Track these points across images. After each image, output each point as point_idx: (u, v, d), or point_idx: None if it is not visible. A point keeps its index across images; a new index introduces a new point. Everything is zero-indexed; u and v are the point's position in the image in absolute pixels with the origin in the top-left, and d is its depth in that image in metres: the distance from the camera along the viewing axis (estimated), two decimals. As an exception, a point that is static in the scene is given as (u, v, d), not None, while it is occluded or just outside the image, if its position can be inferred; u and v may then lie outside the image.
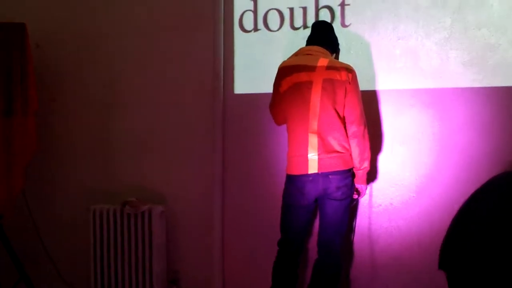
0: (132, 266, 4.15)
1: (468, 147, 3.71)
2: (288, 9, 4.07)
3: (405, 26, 3.85)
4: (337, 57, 3.74)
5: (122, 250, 4.17)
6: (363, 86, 3.65)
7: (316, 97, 3.48)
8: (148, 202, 4.20)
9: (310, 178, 3.48)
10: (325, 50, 3.63)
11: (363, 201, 3.82)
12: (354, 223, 3.84)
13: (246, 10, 4.15)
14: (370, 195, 3.86)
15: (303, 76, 3.51)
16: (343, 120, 3.52)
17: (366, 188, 3.67)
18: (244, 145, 4.20)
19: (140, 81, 4.39)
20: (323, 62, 3.53)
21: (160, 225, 4.18)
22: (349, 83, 3.50)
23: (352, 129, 3.51)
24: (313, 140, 3.47)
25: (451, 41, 3.76)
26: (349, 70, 3.53)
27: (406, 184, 3.83)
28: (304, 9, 4.04)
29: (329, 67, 3.51)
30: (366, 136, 3.55)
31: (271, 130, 4.00)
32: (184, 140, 4.30)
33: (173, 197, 4.30)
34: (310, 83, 3.49)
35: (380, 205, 3.89)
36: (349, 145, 3.52)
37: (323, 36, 3.70)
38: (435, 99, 3.77)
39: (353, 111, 3.51)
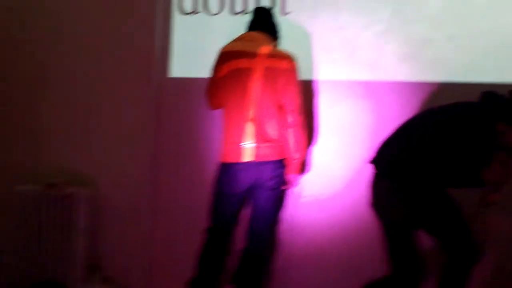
0: (53, 250, 3.98)
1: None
2: (229, -6, 4.03)
3: (345, 17, 3.85)
4: (277, 45, 3.69)
5: (45, 235, 4.00)
6: (301, 75, 3.61)
7: (255, 84, 3.43)
8: (75, 185, 4.06)
9: (244, 166, 3.43)
10: (267, 36, 3.59)
11: (293, 191, 3.77)
12: (282, 213, 3.80)
13: (186, -8, 4.08)
14: (299, 185, 3.82)
15: (244, 63, 3.46)
16: (281, 109, 3.48)
17: (298, 179, 3.64)
18: (179, 129, 4.09)
19: (72, 62, 4.23)
20: (265, 49, 3.49)
21: (85, 209, 4.03)
22: (290, 72, 3.47)
23: (290, 118, 3.48)
24: (250, 128, 3.42)
25: (389, 34, 3.77)
26: (290, 59, 3.50)
27: (337, 175, 3.81)
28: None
29: (271, 55, 3.47)
30: (303, 126, 3.53)
31: (207, 115, 3.93)
32: (116, 123, 4.17)
33: (102, 181, 4.15)
34: (250, 70, 3.44)
35: (310, 196, 3.86)
36: (285, 135, 3.48)
37: (264, 22, 3.66)
38: (370, 91, 3.78)
39: (293, 101, 3.48)
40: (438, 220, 3.08)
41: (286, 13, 3.92)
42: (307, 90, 3.79)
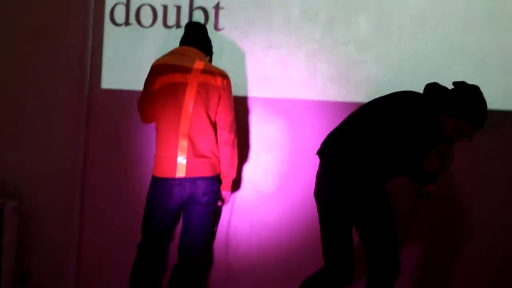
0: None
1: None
2: (161, 6, 3.99)
3: (277, 35, 3.88)
4: (210, 61, 3.70)
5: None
6: (233, 91, 3.62)
7: (189, 100, 3.41)
8: (0, 197, 3.97)
9: (178, 182, 3.42)
10: (200, 52, 3.57)
11: (225, 208, 3.80)
12: (215, 229, 3.83)
13: (118, 3, 4.02)
14: (233, 202, 3.86)
15: (178, 77, 3.43)
16: (214, 125, 3.49)
17: (231, 196, 3.67)
18: (109, 142, 4.06)
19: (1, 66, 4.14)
20: (199, 64, 3.47)
21: (12, 222, 3.96)
22: (224, 89, 3.48)
23: (223, 136, 3.49)
24: (183, 143, 3.40)
25: (320, 54, 3.84)
26: (224, 76, 3.51)
27: (268, 191, 3.87)
28: (178, 8, 3.97)
29: (204, 71, 3.46)
30: (235, 144, 3.55)
31: (138, 128, 3.90)
32: (44, 133, 4.10)
33: (28, 192, 4.08)
34: (184, 85, 3.42)
35: (242, 212, 3.91)
36: (218, 151, 3.50)
37: (198, 37, 3.64)
38: (300, 110, 3.84)
39: (226, 118, 3.49)
40: (371, 221, 3.16)
41: (219, 29, 3.93)
42: (239, 106, 3.81)
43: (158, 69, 3.47)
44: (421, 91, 3.18)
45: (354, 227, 3.21)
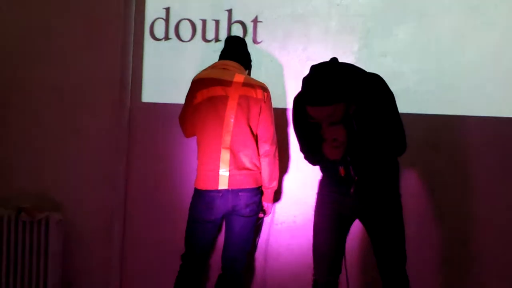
0: (26, 277, 3.99)
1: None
2: (200, 21, 4.05)
3: (315, 48, 3.94)
4: (249, 74, 3.76)
5: (16, 260, 4.00)
6: (272, 103, 3.68)
7: (230, 112, 3.47)
8: (45, 209, 4.06)
9: (220, 194, 3.47)
10: (240, 66, 3.63)
11: (266, 218, 3.85)
12: (257, 240, 3.88)
13: (158, 18, 4.09)
14: (273, 213, 3.91)
15: (218, 90, 3.49)
16: (255, 138, 3.54)
17: (272, 207, 3.72)
18: (150, 155, 4.12)
19: (42, 84, 4.19)
20: (239, 78, 3.53)
21: (57, 234, 4.04)
22: (264, 102, 3.53)
23: (264, 148, 3.54)
24: (225, 155, 3.46)
25: (358, 65, 3.84)
26: (264, 89, 3.56)
27: (309, 202, 3.90)
28: (217, 22, 4.04)
29: (245, 84, 3.52)
30: (277, 155, 3.60)
31: (179, 141, 3.96)
32: (87, 148, 4.17)
33: (72, 206, 4.15)
34: (225, 98, 3.48)
35: (283, 222, 3.97)
36: (260, 163, 3.55)
37: (237, 51, 3.70)
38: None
39: (267, 130, 3.55)
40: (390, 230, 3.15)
41: (258, 42, 4.00)
42: (279, 118, 3.86)
43: (198, 83, 3.54)
44: (459, 104, 3.20)
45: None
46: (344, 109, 2.83)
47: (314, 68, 2.87)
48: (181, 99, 3.65)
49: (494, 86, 3.76)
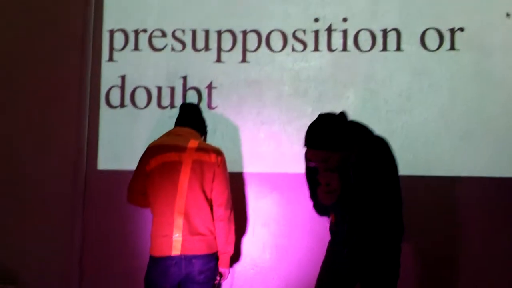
0: None
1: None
2: (156, 88, 4.11)
3: (269, 112, 4.02)
4: (205, 139, 3.80)
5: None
6: (228, 168, 3.70)
7: (184, 177, 3.47)
8: (0, 282, 3.97)
9: (174, 261, 3.41)
10: (195, 132, 3.65)
11: (224, 283, 3.82)
12: (215, 305, 3.84)
13: (113, 86, 4.14)
14: (232, 277, 3.88)
15: (172, 156, 3.49)
16: (210, 202, 3.52)
17: (229, 272, 3.69)
18: (106, 222, 4.08)
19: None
20: (193, 143, 3.54)
21: (11, 306, 3.95)
22: (218, 166, 3.53)
23: (219, 212, 3.52)
24: (179, 220, 3.43)
25: (311, 128, 3.95)
26: (218, 153, 3.57)
27: (266, 266, 3.90)
28: (172, 89, 4.10)
29: (199, 149, 3.52)
30: (232, 219, 3.58)
31: (135, 208, 3.89)
32: (41, 216, 4.11)
33: (27, 277, 4.06)
34: (179, 164, 3.48)
35: (241, 286, 3.93)
36: (215, 227, 3.54)
37: (192, 118, 3.72)
38: (294, 183, 3.89)
39: (221, 194, 3.53)
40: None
41: (213, 108, 4.06)
42: (236, 182, 3.88)
43: (152, 150, 3.54)
44: (412, 166, 3.28)
45: None
46: (340, 159, 2.95)
47: (319, 116, 3.05)
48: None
49: (443, 146, 3.87)
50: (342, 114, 3.08)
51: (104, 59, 4.16)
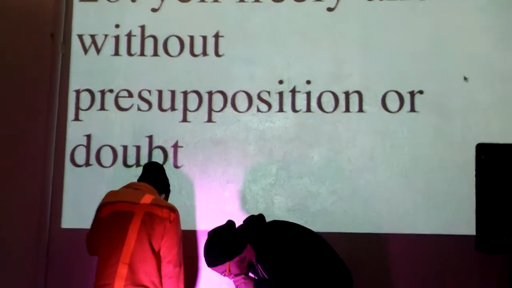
0: None
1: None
2: (121, 147, 4.13)
3: (234, 171, 4.06)
4: (166, 198, 3.78)
5: None
6: (191, 226, 3.74)
7: (134, 228, 3.39)
8: None
9: None
10: (153, 188, 3.63)
11: None
12: None
13: (79, 145, 4.15)
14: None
15: (125, 206, 3.44)
16: (157, 257, 3.42)
17: None
18: (69, 281, 4.02)
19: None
20: (148, 197, 3.50)
21: None
22: (170, 222, 3.45)
23: (167, 269, 3.43)
24: (123, 270, 3.33)
25: (276, 187, 4.01)
26: (172, 209, 3.50)
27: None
28: (138, 148, 4.13)
29: (152, 203, 3.47)
30: (181, 277, 3.49)
31: (98, 267, 3.90)
32: (3, 276, 4.03)
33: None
34: (131, 214, 3.41)
35: None
36: (161, 282, 3.43)
37: (153, 175, 3.71)
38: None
39: (170, 251, 3.44)
40: None
41: (178, 167, 4.09)
42: (202, 240, 3.88)
43: (106, 198, 3.53)
44: (375, 224, 3.34)
45: None
46: (238, 264, 3.22)
47: (208, 234, 3.37)
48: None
49: (406, 205, 3.94)
50: (230, 222, 3.35)
51: (70, 118, 4.18)
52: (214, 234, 3.30)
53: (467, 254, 3.73)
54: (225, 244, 3.20)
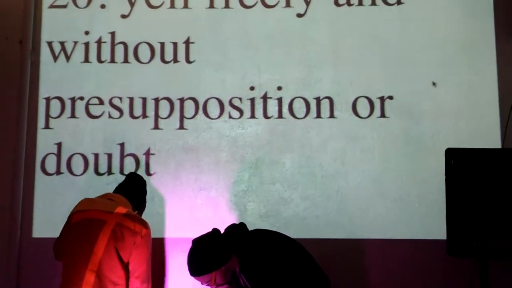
0: None
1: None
2: (93, 155, 4.10)
3: (207, 178, 4.06)
4: (140, 214, 3.68)
5: None
6: (164, 234, 3.77)
7: (104, 237, 3.34)
8: None
9: None
10: (127, 202, 3.57)
11: None
12: None
13: (49, 153, 4.11)
14: None
15: (97, 214, 3.39)
16: (125, 268, 3.37)
17: None
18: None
19: None
20: (121, 209, 3.45)
21: None
22: (141, 237, 3.39)
23: (135, 284, 3.38)
24: (90, 278, 3.28)
25: (249, 194, 4.02)
26: (144, 225, 3.44)
27: None
28: (109, 155, 4.10)
29: (126, 215, 3.42)
30: None
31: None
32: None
33: None
34: (102, 223, 3.36)
35: None
36: None
37: (130, 188, 3.67)
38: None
39: (139, 266, 3.39)
40: None
41: (151, 174, 4.07)
42: (175, 248, 3.91)
43: (79, 206, 3.49)
44: (346, 230, 3.36)
45: None
46: (223, 273, 3.14)
47: (192, 242, 3.27)
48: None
49: (377, 210, 3.98)
50: (215, 231, 3.29)
51: (40, 126, 4.14)
52: (200, 243, 3.22)
53: (439, 259, 3.76)
54: (212, 253, 3.15)
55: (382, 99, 4.08)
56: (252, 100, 4.13)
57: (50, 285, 3.92)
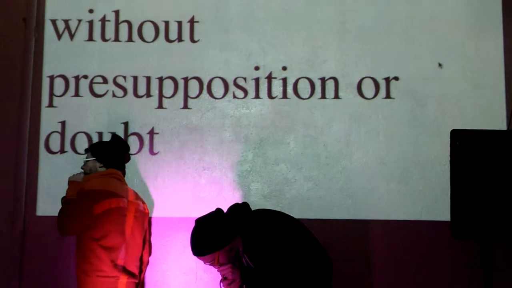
0: None
1: None
2: (97, 133, 4.10)
3: (211, 158, 4.06)
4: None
5: None
6: (167, 213, 3.86)
7: (129, 225, 3.58)
8: None
9: None
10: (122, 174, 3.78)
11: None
12: None
13: (53, 132, 4.11)
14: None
15: (117, 202, 3.55)
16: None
17: None
18: (44, 268, 4.00)
19: None
20: (131, 192, 3.69)
21: None
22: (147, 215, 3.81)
23: (145, 257, 3.79)
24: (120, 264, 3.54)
25: (253, 174, 4.01)
26: (144, 202, 3.81)
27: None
28: (113, 134, 4.09)
29: (136, 197, 3.71)
30: None
31: (74, 256, 3.86)
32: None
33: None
34: (125, 210, 3.58)
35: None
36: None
37: (120, 159, 3.84)
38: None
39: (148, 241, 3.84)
40: None
41: (155, 153, 4.06)
42: (177, 228, 3.91)
43: (94, 194, 3.53)
44: (350, 210, 3.41)
45: None
46: (227, 253, 3.08)
47: (195, 222, 3.19)
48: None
49: (380, 190, 3.97)
50: (218, 210, 3.22)
51: (43, 104, 4.13)
52: (204, 222, 3.18)
53: (443, 240, 3.77)
54: (217, 232, 3.11)
55: (387, 80, 4.06)
56: (257, 80, 4.11)
57: (54, 263, 3.98)
